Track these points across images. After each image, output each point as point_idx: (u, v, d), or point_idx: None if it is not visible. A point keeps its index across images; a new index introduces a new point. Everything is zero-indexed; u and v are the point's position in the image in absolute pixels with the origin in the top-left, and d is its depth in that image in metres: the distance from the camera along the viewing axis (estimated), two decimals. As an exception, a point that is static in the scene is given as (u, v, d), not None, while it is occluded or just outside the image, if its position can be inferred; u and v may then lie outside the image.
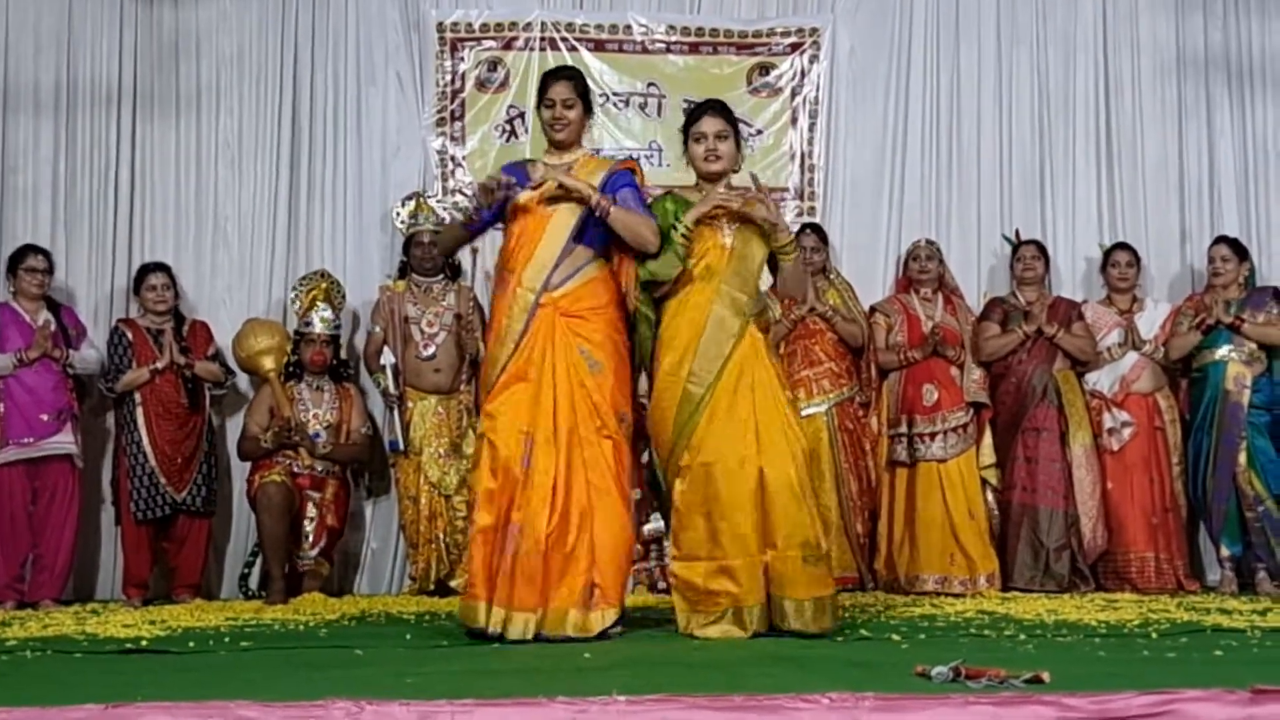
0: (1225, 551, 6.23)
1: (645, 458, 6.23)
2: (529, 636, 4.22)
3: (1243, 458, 6.17)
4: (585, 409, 4.40)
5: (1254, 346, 6.26)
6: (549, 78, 4.70)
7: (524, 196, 4.47)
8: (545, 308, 4.41)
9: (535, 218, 4.49)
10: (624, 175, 4.59)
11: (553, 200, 4.45)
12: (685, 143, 4.66)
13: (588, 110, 4.67)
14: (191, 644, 4.23)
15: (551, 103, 4.59)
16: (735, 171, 4.62)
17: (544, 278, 4.42)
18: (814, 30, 7.04)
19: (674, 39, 7.02)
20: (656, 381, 4.50)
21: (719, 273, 4.46)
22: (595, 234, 4.48)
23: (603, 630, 4.32)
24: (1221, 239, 6.51)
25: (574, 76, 4.72)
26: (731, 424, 4.35)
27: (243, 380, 6.67)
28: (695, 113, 4.68)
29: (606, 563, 4.38)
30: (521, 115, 6.92)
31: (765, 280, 4.81)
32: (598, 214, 4.41)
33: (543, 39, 6.97)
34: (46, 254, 6.41)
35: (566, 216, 4.47)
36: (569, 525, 4.32)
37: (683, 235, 4.42)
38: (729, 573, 4.30)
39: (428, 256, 6.45)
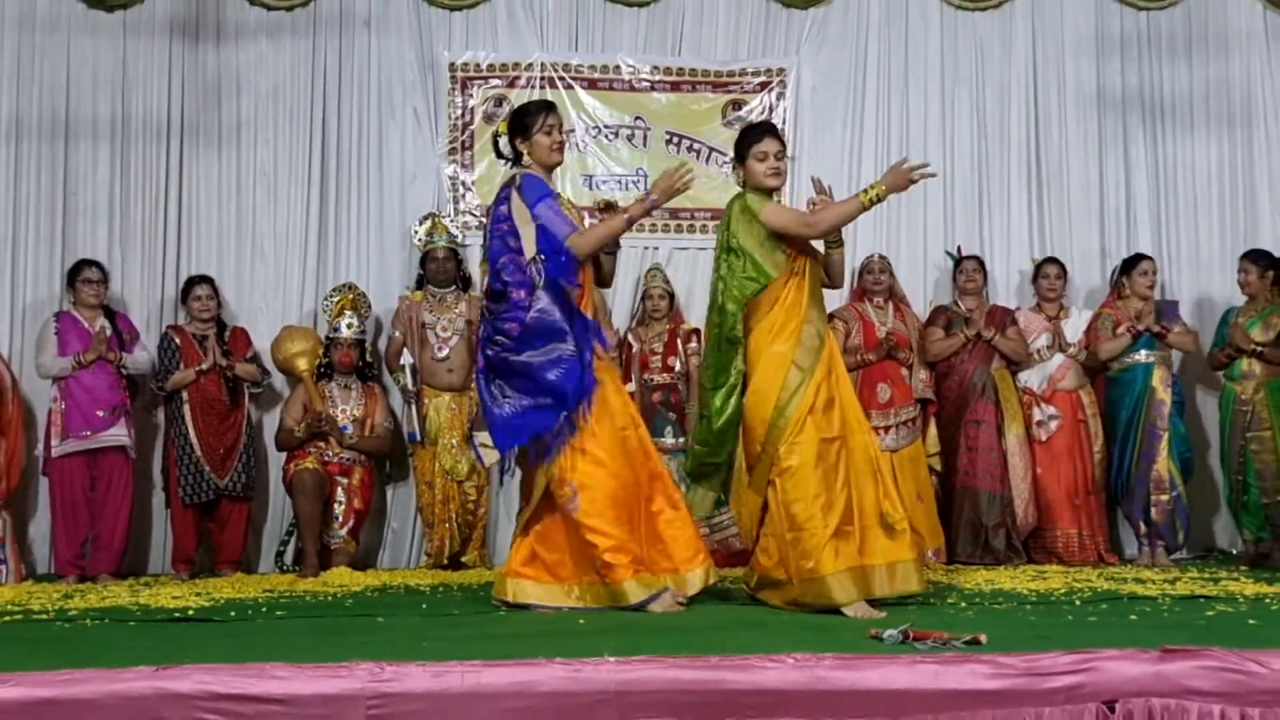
0: (1144, 527, 6.24)
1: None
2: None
3: (1164, 448, 6.20)
4: None
5: (1169, 352, 6.29)
6: (539, 110, 4.54)
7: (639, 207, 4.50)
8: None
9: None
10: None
11: None
12: (743, 159, 4.48)
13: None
14: (233, 613, 4.24)
15: (551, 127, 4.49)
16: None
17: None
18: (781, 71, 7.05)
19: (658, 78, 7.02)
20: (759, 347, 4.39)
21: (806, 277, 4.43)
22: None
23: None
24: (1144, 256, 6.53)
25: (554, 106, 4.65)
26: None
27: (278, 379, 6.64)
28: (751, 132, 4.55)
29: None
30: (524, 144, 6.91)
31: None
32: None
33: (542, 78, 6.95)
34: (102, 267, 6.40)
35: None
36: None
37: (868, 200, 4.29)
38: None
39: (442, 270, 6.45)
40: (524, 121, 4.50)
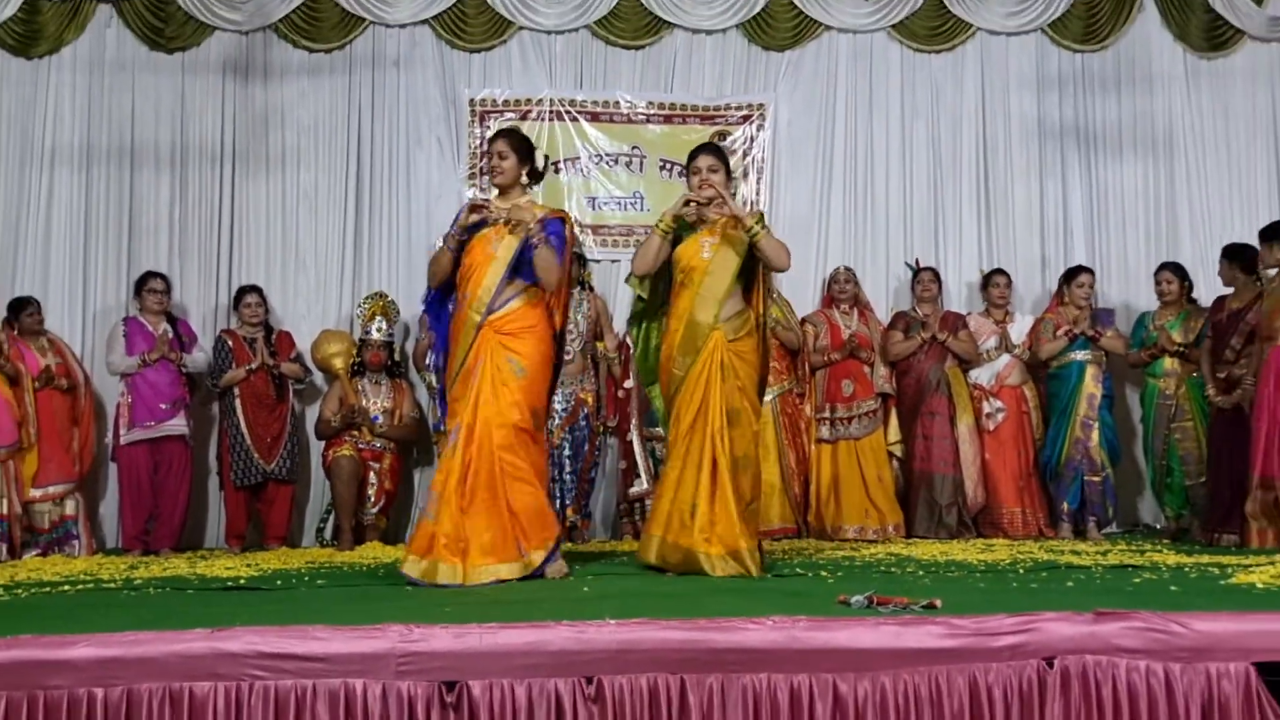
0: (1067, 506, 6.25)
1: (629, 437, 6.30)
2: (457, 581, 3.96)
3: (1095, 435, 6.21)
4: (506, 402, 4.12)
5: (1101, 352, 6.29)
6: (493, 138, 4.40)
7: (489, 223, 4.21)
8: (485, 328, 4.15)
9: (481, 254, 4.20)
10: (555, 224, 4.26)
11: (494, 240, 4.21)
12: (687, 176, 4.44)
13: (522, 161, 4.33)
14: (278, 582, 4.24)
15: (491, 151, 4.34)
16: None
17: (487, 303, 4.15)
18: (760, 106, 7.05)
19: (653, 112, 7.01)
20: (662, 362, 4.36)
21: (695, 284, 4.27)
22: (527, 271, 4.20)
23: (537, 569, 4.08)
24: (1082, 268, 6.54)
25: (513, 135, 4.42)
26: (698, 401, 4.21)
27: (318, 376, 6.64)
28: (694, 152, 4.46)
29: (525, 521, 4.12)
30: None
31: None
32: (533, 242, 4.12)
33: (551, 112, 6.95)
34: (165, 278, 6.41)
35: (505, 254, 4.18)
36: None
37: (663, 230, 4.27)
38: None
39: (462, 280, 6.47)
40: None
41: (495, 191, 4.48)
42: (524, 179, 4.40)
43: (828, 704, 2.59)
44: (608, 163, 7.00)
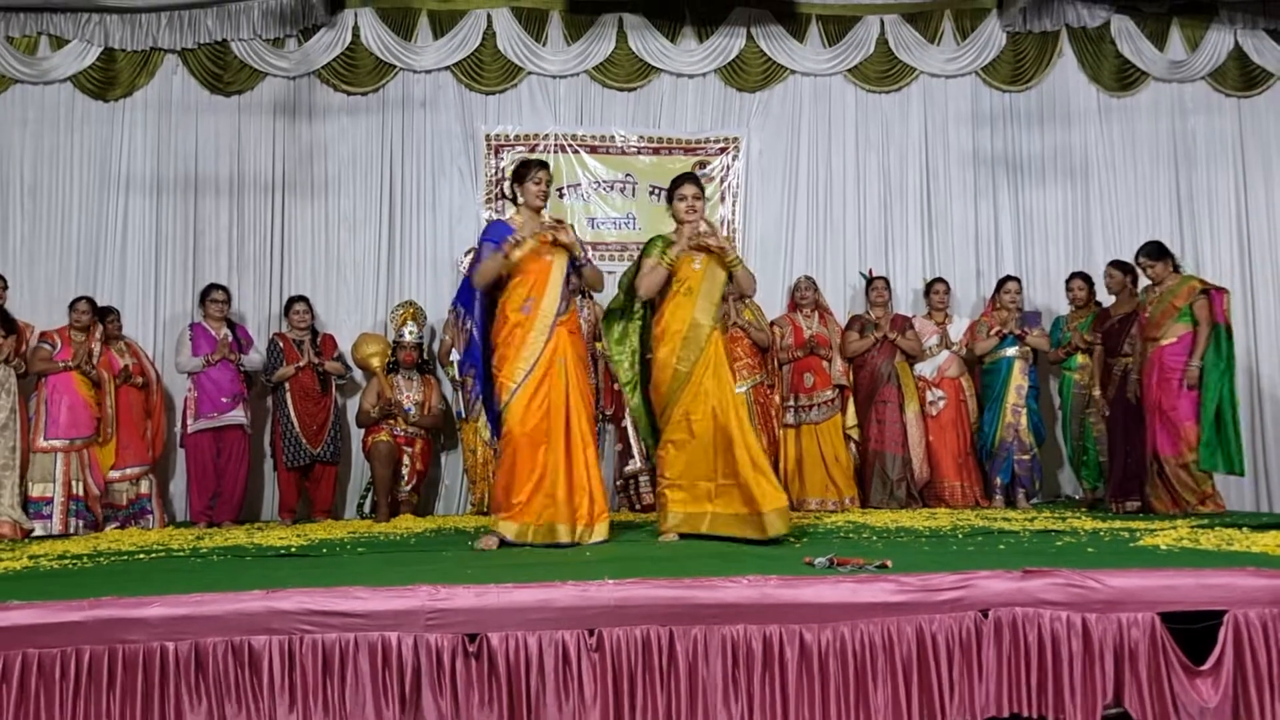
0: (1000, 481, 6.26)
1: (624, 424, 6.30)
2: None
3: (1023, 420, 6.22)
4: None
5: (1028, 349, 6.31)
6: (535, 166, 4.34)
7: (528, 247, 4.12)
8: (558, 328, 4.16)
9: (537, 268, 4.15)
10: (580, 245, 4.35)
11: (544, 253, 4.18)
12: (670, 200, 4.39)
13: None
14: (324, 550, 4.23)
15: (539, 180, 4.28)
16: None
17: (555, 308, 4.16)
18: (735, 139, 7.04)
19: (643, 145, 7.00)
20: (655, 364, 4.31)
21: (696, 291, 4.27)
22: (571, 282, 4.26)
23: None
24: (1011, 277, 6.54)
25: (547, 166, 4.42)
26: (702, 392, 4.20)
27: (357, 373, 6.62)
28: (677, 181, 4.42)
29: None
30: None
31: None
32: (580, 261, 4.20)
33: (555, 145, 6.93)
34: (225, 289, 6.38)
35: (559, 273, 4.17)
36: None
37: (668, 263, 4.26)
38: (694, 489, 4.18)
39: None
40: (520, 171, 4.37)
41: (512, 211, 4.44)
42: None
43: (795, 650, 2.60)
44: (604, 188, 6.99)
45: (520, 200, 4.36)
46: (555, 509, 4.05)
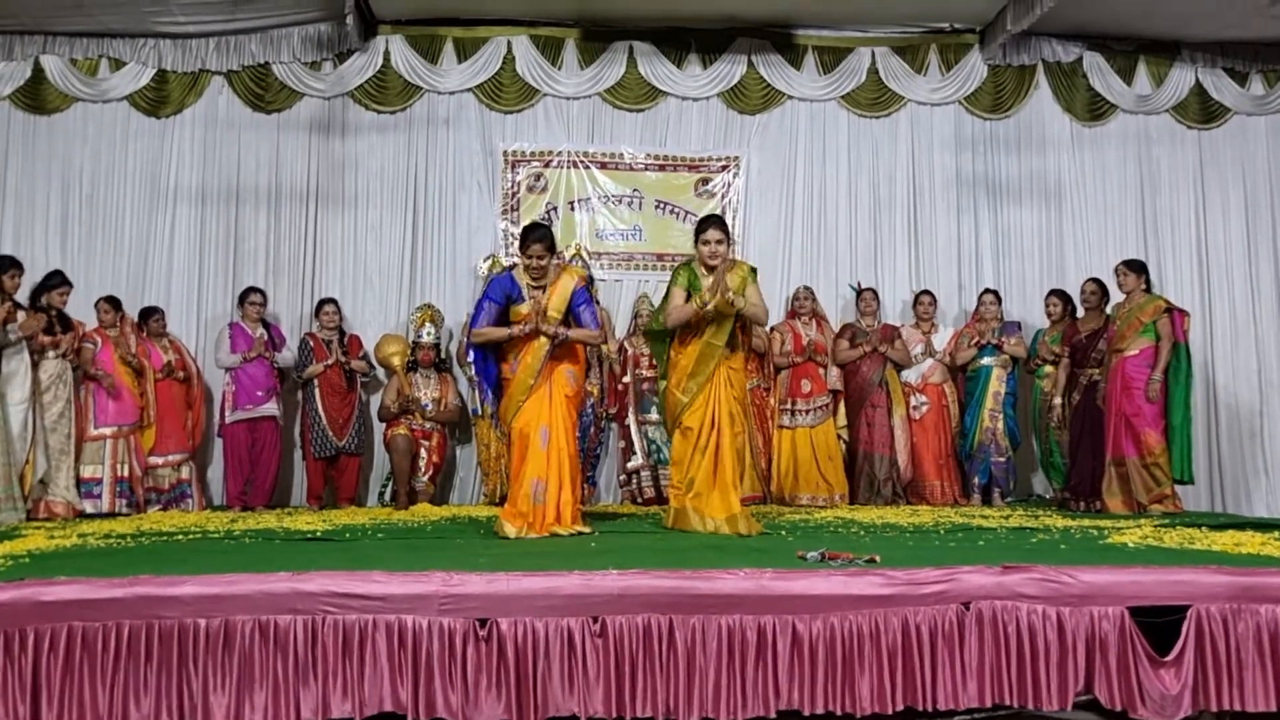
0: (978, 481, 6.22)
1: (627, 422, 6.26)
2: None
3: (1000, 425, 6.17)
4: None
5: (1007, 357, 6.25)
6: (532, 240, 4.15)
7: (518, 330, 4.15)
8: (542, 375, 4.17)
9: (527, 338, 4.18)
10: (581, 294, 4.24)
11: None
12: (695, 242, 4.32)
13: (552, 253, 4.23)
14: (348, 535, 4.20)
15: (531, 255, 4.14)
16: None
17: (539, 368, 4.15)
18: (736, 157, 6.99)
19: (649, 162, 6.95)
20: (669, 386, 4.37)
21: (705, 335, 4.27)
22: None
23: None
24: (988, 290, 6.49)
25: (545, 237, 4.21)
26: (704, 411, 4.26)
27: (380, 371, 6.58)
28: (703, 223, 4.35)
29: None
30: (555, 208, 6.86)
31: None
32: (557, 341, 4.14)
33: (568, 161, 6.89)
34: (262, 291, 6.35)
35: (545, 343, 4.16)
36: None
37: (698, 306, 4.21)
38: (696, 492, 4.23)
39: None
40: (521, 240, 4.26)
41: (518, 260, 4.34)
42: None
43: (788, 639, 2.57)
44: (613, 202, 6.95)
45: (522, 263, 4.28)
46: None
